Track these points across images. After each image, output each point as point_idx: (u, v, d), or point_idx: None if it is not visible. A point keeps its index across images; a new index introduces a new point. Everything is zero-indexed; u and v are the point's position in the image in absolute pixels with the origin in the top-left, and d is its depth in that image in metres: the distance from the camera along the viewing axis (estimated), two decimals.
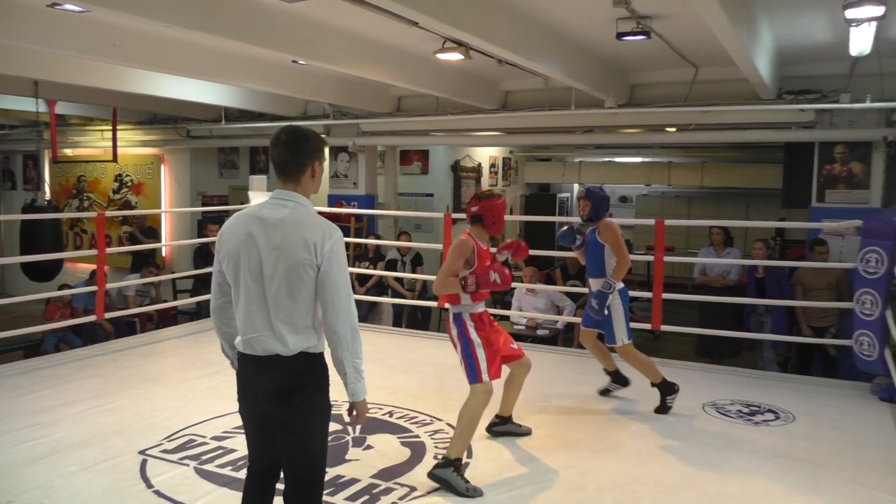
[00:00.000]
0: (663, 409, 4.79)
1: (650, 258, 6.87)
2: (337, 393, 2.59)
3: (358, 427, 4.27)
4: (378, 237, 9.37)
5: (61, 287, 8.41)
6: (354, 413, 2.56)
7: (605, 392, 5.20)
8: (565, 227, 5.10)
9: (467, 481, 3.58)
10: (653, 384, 4.84)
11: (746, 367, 6.46)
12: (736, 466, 3.96)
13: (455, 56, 5.96)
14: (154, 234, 10.81)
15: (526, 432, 4.39)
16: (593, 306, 4.79)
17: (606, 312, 4.72)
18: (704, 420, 4.69)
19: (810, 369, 6.53)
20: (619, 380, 5.19)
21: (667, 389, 4.81)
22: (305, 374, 2.48)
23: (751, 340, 6.89)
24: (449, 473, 3.57)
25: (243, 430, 2.66)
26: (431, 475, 3.61)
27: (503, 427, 4.36)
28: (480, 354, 3.82)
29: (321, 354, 2.53)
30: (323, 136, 10.23)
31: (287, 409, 2.45)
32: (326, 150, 2.56)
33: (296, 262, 2.42)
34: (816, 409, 4.99)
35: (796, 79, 7.08)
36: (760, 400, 5.12)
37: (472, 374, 3.80)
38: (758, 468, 3.94)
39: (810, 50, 6.51)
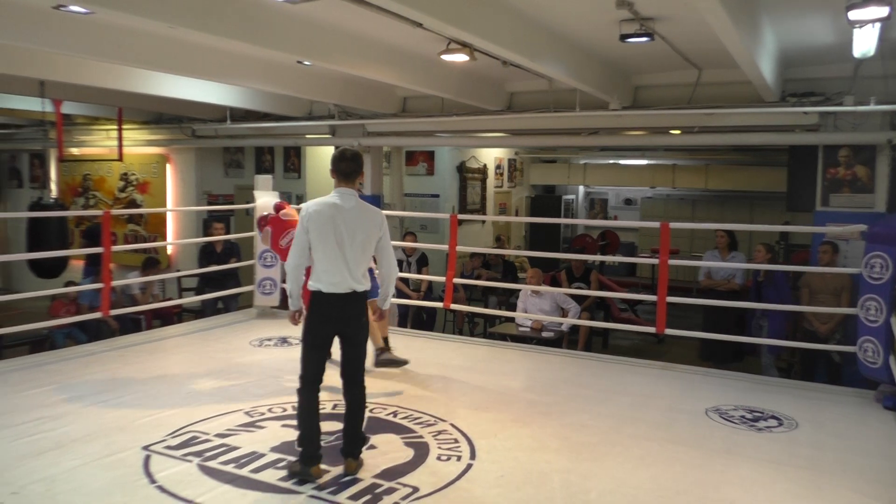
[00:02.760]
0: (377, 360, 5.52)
1: (655, 261, 6.86)
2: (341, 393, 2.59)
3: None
4: None
5: (67, 284, 8.45)
6: (380, 315, 4.26)
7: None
8: None
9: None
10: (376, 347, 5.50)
11: (750, 371, 6.44)
12: (738, 473, 3.94)
13: (460, 57, 5.97)
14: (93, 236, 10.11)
15: (403, 362, 5.59)
16: None
17: None
18: (707, 425, 4.68)
19: (814, 375, 6.49)
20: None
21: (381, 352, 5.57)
22: (365, 302, 3.84)
23: (754, 345, 6.87)
24: (385, 356, 5.54)
25: (309, 351, 3.75)
26: (379, 362, 5.52)
27: (384, 356, 5.56)
28: None
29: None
30: (328, 136, 10.30)
31: (357, 325, 3.79)
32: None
33: (369, 234, 3.82)
34: (820, 417, 4.95)
35: (800, 81, 7.06)
36: (764, 406, 5.09)
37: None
38: (760, 475, 3.92)
39: (814, 52, 6.50)
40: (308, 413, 3.74)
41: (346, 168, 3.88)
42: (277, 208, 6.08)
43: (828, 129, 7.15)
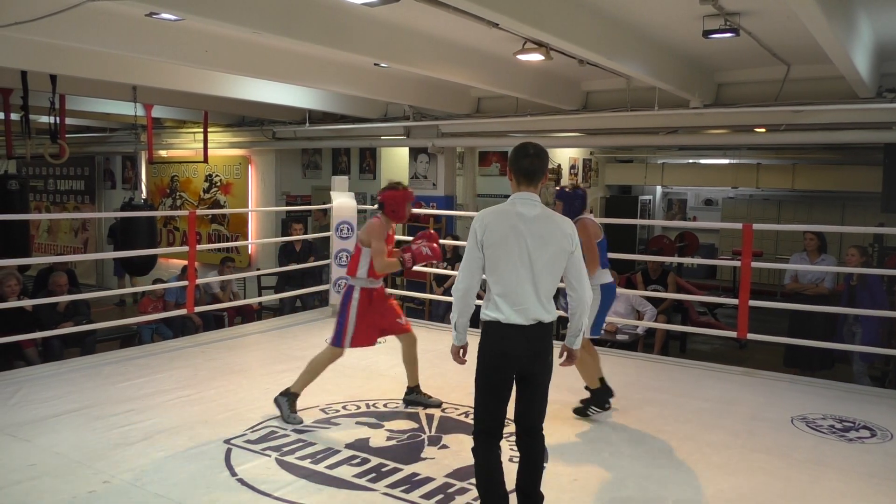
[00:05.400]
0: (583, 413, 4.67)
1: (736, 263, 6.63)
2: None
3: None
4: (456, 238, 9.41)
5: (155, 282, 8.84)
6: (567, 357, 3.33)
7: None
8: None
9: (294, 412, 4.46)
10: (586, 387, 4.70)
11: (840, 380, 6.13)
12: (827, 485, 3.76)
13: (535, 57, 5.92)
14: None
15: (435, 404, 4.78)
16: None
17: None
18: (793, 434, 4.48)
19: None
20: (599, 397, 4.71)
21: (597, 399, 4.65)
22: (552, 336, 3.18)
23: (845, 352, 6.54)
24: (283, 401, 4.48)
25: (485, 396, 3.14)
26: (275, 399, 4.53)
27: (412, 396, 4.84)
28: (350, 326, 4.50)
29: None
30: (402, 137, 10.41)
31: (542, 364, 3.12)
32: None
33: (559, 249, 3.10)
34: None
35: None
36: (855, 415, 4.85)
37: (337, 338, 4.54)
38: (850, 488, 3.73)
39: None
40: (487, 473, 3.13)
41: (529, 166, 3.17)
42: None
43: None
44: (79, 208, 15.09)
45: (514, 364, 3.09)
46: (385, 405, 4.84)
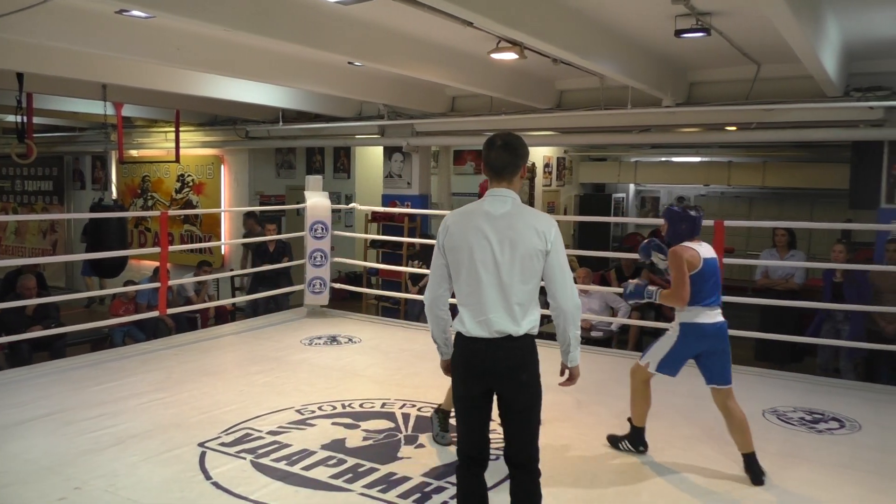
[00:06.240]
0: (614, 442, 4.18)
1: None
2: (390, 391, 2.61)
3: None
4: (431, 237, 9.41)
5: (127, 283, 8.72)
6: (568, 375, 2.95)
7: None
8: (645, 240, 4.43)
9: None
10: (630, 419, 4.19)
11: (809, 373, 6.24)
12: (798, 475, 3.84)
13: (510, 56, 5.94)
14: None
15: (447, 442, 4.13)
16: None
17: (629, 302, 4.21)
18: (765, 427, 4.55)
19: (878, 376, 6.26)
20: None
21: (633, 437, 4.13)
22: (531, 352, 2.79)
23: (813, 346, 6.64)
24: (435, 417, 4.17)
25: (458, 416, 2.87)
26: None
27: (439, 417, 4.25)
28: None
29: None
30: (377, 136, 10.39)
31: (514, 384, 2.74)
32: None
33: (529, 250, 2.72)
34: (884, 418, 4.80)
35: (865, 75, 6.80)
36: (824, 407, 4.95)
37: None
38: (821, 478, 3.81)
39: (880, 45, 6.24)
40: (464, 500, 2.87)
41: (496, 160, 2.82)
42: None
43: (894, 124, 6.90)
44: (47, 209, 14.82)
45: (479, 383, 2.76)
46: (361, 405, 4.82)
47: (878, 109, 6.85)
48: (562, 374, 2.98)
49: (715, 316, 3.88)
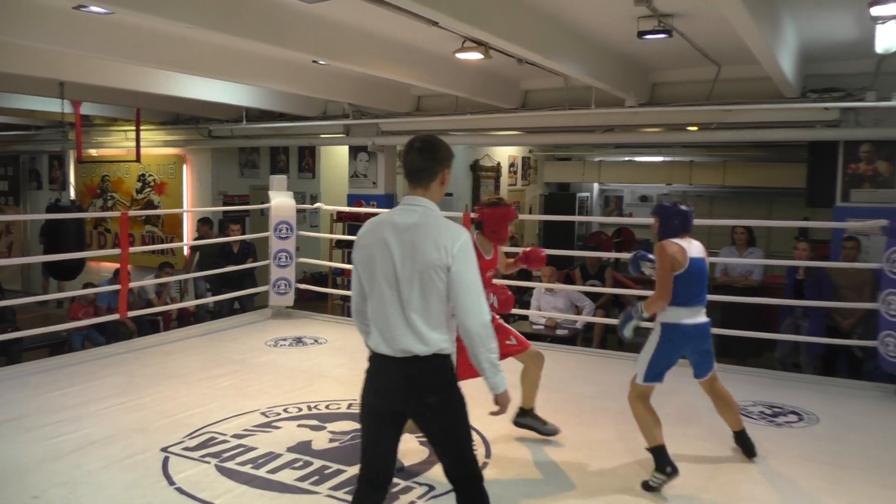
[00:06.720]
0: (648, 487, 3.66)
1: None
2: (357, 392, 2.59)
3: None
4: None
5: (86, 286, 8.53)
6: (497, 405, 2.69)
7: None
8: (631, 255, 4.26)
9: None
10: (647, 448, 3.79)
11: (769, 368, 6.38)
12: (758, 468, 3.92)
13: (475, 56, 5.95)
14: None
15: (551, 431, 4.25)
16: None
17: (627, 335, 4.03)
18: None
19: (835, 370, 6.43)
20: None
21: (659, 462, 3.68)
22: (439, 373, 2.58)
23: (773, 341, 6.79)
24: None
25: (362, 435, 2.70)
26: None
27: (525, 420, 4.28)
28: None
29: (451, 355, 2.63)
30: (342, 135, 10.30)
31: (421, 406, 2.57)
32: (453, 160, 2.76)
33: (428, 264, 2.52)
34: (841, 411, 4.93)
35: (821, 77, 6.98)
36: (783, 401, 5.06)
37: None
38: (780, 470, 3.90)
39: (835, 47, 6.42)
40: None
41: (410, 164, 2.69)
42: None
43: (849, 125, 7.08)
44: (2, 210, 14.42)
45: (384, 403, 2.60)
46: (327, 407, 4.79)
47: (834, 110, 7.03)
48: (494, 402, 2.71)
49: (698, 316, 3.83)
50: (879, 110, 6.76)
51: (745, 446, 3.98)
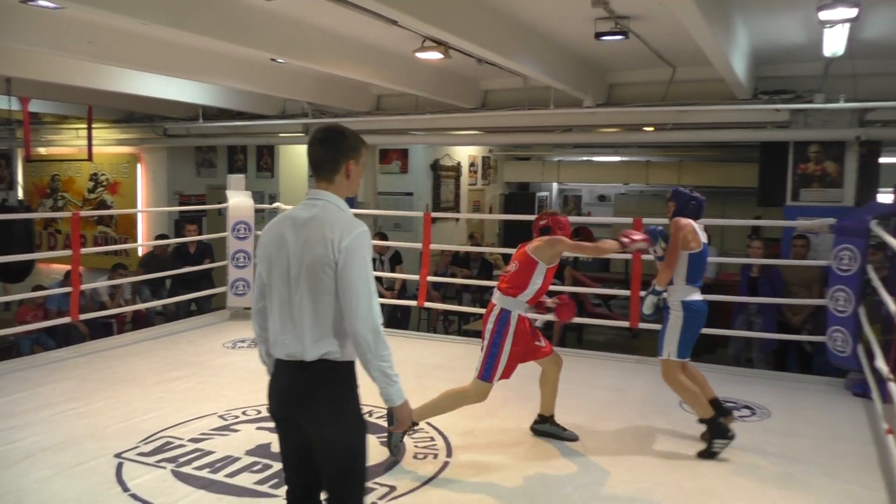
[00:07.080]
0: (708, 452, 4.01)
1: (628, 257, 6.89)
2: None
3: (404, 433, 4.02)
4: None
5: (35, 288, 8.28)
6: (395, 419, 2.55)
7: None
8: (657, 227, 4.62)
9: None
10: (700, 420, 4.12)
11: (722, 363, 6.52)
12: (712, 462, 4.00)
13: (434, 55, 5.95)
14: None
15: (571, 437, 4.26)
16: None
17: (647, 311, 4.23)
18: (682, 416, 4.71)
19: (786, 365, 6.60)
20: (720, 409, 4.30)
21: (719, 430, 4.03)
22: (326, 381, 2.38)
23: (726, 337, 6.94)
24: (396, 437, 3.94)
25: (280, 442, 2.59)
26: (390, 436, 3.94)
27: (544, 427, 4.34)
28: (504, 358, 3.96)
29: (348, 362, 2.43)
30: (301, 134, 10.19)
31: (306, 417, 2.38)
32: (366, 150, 2.55)
33: (315, 261, 2.33)
34: (792, 405, 5.07)
35: (772, 79, 7.17)
36: (737, 396, 5.17)
37: (486, 371, 3.98)
38: (734, 463, 3.98)
39: (785, 50, 6.59)
40: None
41: (312, 156, 2.47)
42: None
43: (799, 126, 7.28)
44: None
45: (277, 409, 2.46)
46: None
47: (784, 112, 7.22)
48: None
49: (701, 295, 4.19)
50: (827, 112, 6.97)
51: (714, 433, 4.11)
